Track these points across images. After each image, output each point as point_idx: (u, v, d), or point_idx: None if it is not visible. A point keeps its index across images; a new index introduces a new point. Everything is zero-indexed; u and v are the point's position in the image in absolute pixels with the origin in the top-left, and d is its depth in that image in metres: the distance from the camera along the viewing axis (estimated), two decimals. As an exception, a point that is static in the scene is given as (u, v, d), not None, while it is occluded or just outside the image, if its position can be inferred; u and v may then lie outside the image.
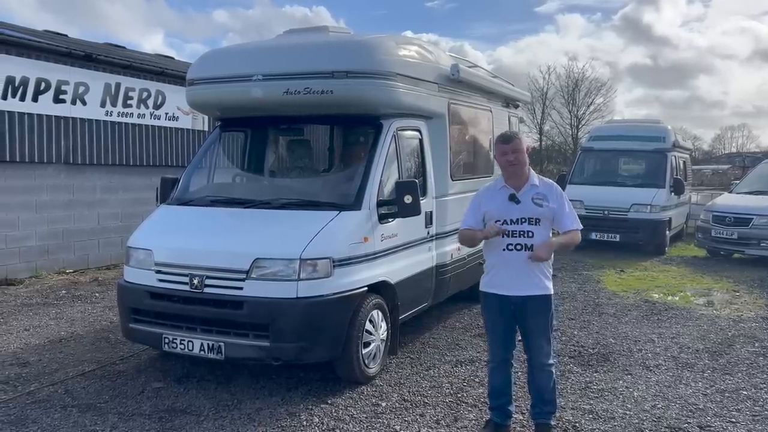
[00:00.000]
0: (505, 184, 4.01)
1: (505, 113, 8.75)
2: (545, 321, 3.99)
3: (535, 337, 4.02)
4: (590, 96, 42.58)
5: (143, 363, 5.65)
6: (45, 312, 7.55)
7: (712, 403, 4.86)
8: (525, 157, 3.97)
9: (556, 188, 4.02)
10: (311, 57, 5.51)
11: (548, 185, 4.03)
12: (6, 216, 9.33)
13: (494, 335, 4.16)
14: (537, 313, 3.97)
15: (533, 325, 4.00)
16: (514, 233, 3.91)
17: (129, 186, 11.09)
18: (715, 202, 13.13)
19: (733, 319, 7.50)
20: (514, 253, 3.92)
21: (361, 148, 5.96)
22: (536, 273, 3.94)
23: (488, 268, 4.11)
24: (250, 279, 4.69)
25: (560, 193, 4.01)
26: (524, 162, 3.97)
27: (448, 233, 6.45)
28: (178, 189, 5.88)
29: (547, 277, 4.00)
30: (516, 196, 3.94)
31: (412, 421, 4.46)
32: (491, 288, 4.06)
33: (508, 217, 3.92)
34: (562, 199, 3.99)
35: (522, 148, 3.94)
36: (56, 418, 4.47)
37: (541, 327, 4.00)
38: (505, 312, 4.02)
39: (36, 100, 9.53)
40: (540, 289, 3.95)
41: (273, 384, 5.10)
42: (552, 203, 3.93)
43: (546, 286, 3.98)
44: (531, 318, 3.98)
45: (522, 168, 3.97)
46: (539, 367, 4.05)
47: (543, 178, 4.10)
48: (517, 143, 3.94)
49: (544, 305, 3.98)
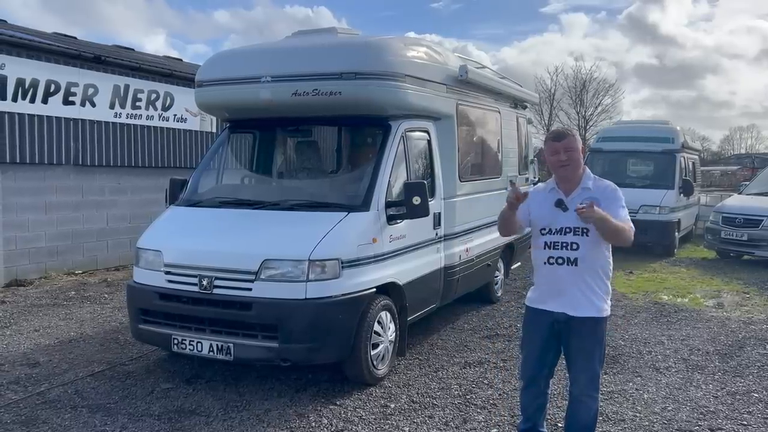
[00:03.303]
0: (555, 187, 3.56)
1: (514, 114, 8.74)
2: (590, 347, 3.47)
3: (576, 362, 3.54)
4: (598, 97, 42.48)
5: (152, 364, 5.67)
6: (55, 313, 7.58)
7: (723, 406, 4.82)
8: (579, 157, 3.49)
9: (611, 191, 3.48)
10: (319, 58, 5.51)
11: (603, 188, 3.50)
12: (16, 217, 9.38)
13: (526, 351, 3.75)
14: (581, 337, 3.48)
15: (576, 349, 3.52)
16: (557, 245, 3.47)
17: (138, 187, 11.14)
18: (725, 204, 13.05)
19: (744, 321, 7.45)
20: (555, 267, 3.48)
21: (370, 149, 5.97)
22: (584, 291, 3.45)
23: (534, 281, 3.73)
24: (259, 280, 4.70)
25: (616, 197, 3.45)
26: (578, 163, 3.50)
27: (456, 234, 6.45)
28: (187, 190, 5.90)
29: (598, 295, 3.47)
30: (564, 201, 3.48)
31: (421, 423, 4.45)
32: (533, 302, 3.68)
33: (553, 226, 3.49)
34: (616, 204, 3.42)
35: (576, 146, 3.48)
36: (66, 419, 4.49)
37: (584, 353, 3.49)
38: (542, 327, 3.59)
39: (46, 102, 9.59)
40: (586, 310, 3.45)
41: (282, 385, 5.11)
42: (604, 209, 3.32)
43: (595, 306, 3.46)
44: (574, 340, 3.51)
45: (575, 170, 3.50)
46: (577, 397, 3.56)
47: (600, 180, 3.56)
48: (570, 141, 3.47)
49: (590, 328, 3.46)
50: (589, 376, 3.52)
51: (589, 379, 3.52)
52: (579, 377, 3.53)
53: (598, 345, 3.51)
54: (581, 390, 3.54)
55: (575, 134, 3.57)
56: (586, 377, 3.52)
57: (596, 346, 3.50)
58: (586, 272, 3.46)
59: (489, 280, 7.88)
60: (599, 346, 3.51)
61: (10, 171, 9.25)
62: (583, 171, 3.54)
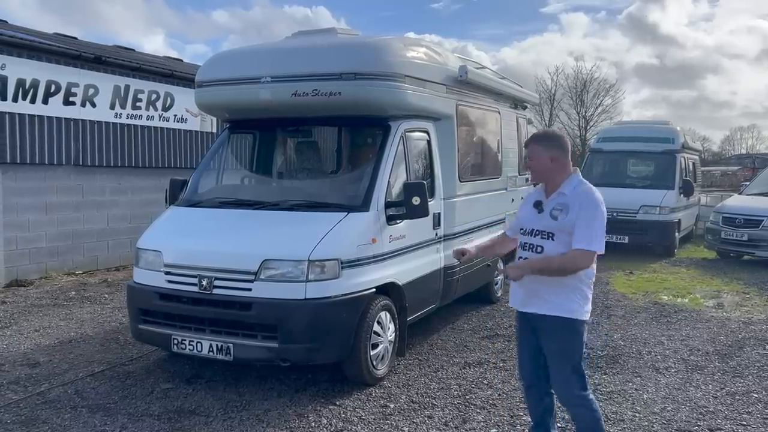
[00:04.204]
0: (543, 189, 3.57)
1: (514, 114, 8.74)
2: (560, 347, 3.40)
3: (551, 363, 3.47)
4: (598, 97, 42.47)
5: (152, 364, 5.67)
6: (55, 313, 7.59)
7: (723, 406, 4.82)
8: (542, 165, 3.46)
9: (585, 199, 3.34)
10: (319, 59, 5.52)
11: (579, 194, 3.38)
12: (16, 217, 9.39)
13: (518, 353, 3.76)
14: (551, 337, 3.42)
15: (548, 350, 3.46)
16: (526, 245, 3.49)
17: (138, 187, 11.16)
18: (725, 204, 13.05)
19: (744, 322, 7.45)
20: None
21: (369, 150, 5.98)
22: (550, 290, 3.37)
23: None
24: (259, 280, 4.71)
25: (587, 205, 3.31)
26: (540, 170, 3.50)
27: (456, 235, 6.45)
28: (187, 190, 5.91)
29: (566, 296, 3.37)
30: (541, 204, 3.48)
31: (421, 423, 4.46)
32: (512, 302, 3.66)
33: (527, 227, 3.51)
34: (584, 212, 3.30)
35: (535, 155, 3.48)
36: (66, 419, 4.49)
37: (556, 353, 3.42)
38: (525, 328, 3.59)
39: (46, 102, 9.60)
40: (553, 309, 3.37)
41: (281, 385, 5.11)
42: (571, 215, 3.31)
43: (562, 306, 3.36)
44: (545, 341, 3.46)
45: (539, 177, 3.54)
46: (564, 401, 3.50)
47: (583, 186, 3.43)
48: (532, 149, 3.51)
49: (559, 328, 3.37)
50: (561, 379, 3.44)
51: (561, 382, 3.44)
52: (554, 379, 3.49)
53: (571, 345, 3.38)
54: (558, 394, 3.51)
55: (551, 141, 3.49)
56: (558, 380, 3.46)
57: (567, 346, 3.38)
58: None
59: (489, 280, 7.88)
60: (568, 347, 3.38)
61: (10, 171, 9.26)
62: (568, 176, 3.45)
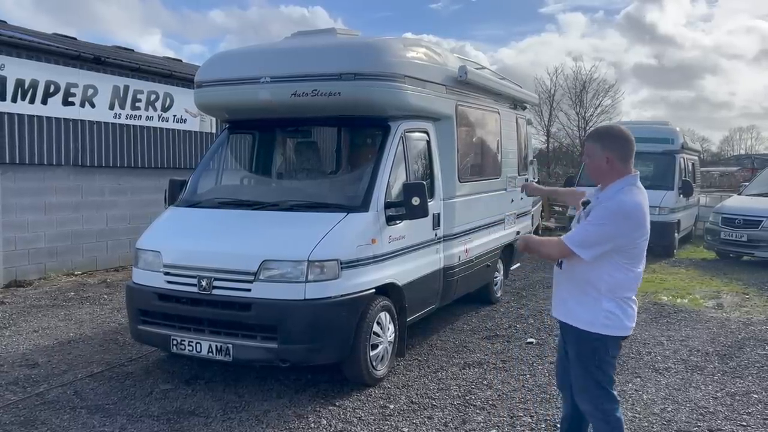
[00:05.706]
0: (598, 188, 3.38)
1: (513, 115, 8.74)
2: (578, 355, 3.27)
3: (571, 369, 3.35)
4: (598, 98, 42.44)
5: (151, 365, 5.66)
6: (54, 313, 7.58)
7: (723, 407, 4.82)
8: (595, 164, 3.25)
9: (604, 206, 3.16)
10: (319, 59, 5.51)
11: (603, 199, 3.20)
12: (15, 218, 9.38)
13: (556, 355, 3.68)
14: (570, 344, 3.32)
15: (569, 356, 3.35)
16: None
17: (137, 188, 11.15)
18: (725, 204, 13.06)
19: (743, 322, 7.45)
20: (556, 269, 3.40)
21: (369, 150, 5.97)
22: (574, 299, 3.25)
23: None
24: (258, 281, 4.70)
25: (602, 212, 3.14)
26: (596, 169, 3.26)
27: (455, 235, 6.45)
28: (187, 191, 5.91)
29: (586, 307, 3.19)
30: (587, 204, 3.35)
31: (420, 424, 4.45)
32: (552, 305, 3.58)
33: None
34: (594, 215, 3.17)
35: (591, 152, 3.28)
36: (65, 420, 4.49)
37: (575, 360, 3.30)
38: (561, 333, 3.48)
39: (45, 103, 9.59)
40: (570, 318, 3.27)
41: (281, 386, 5.11)
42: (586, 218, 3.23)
43: (579, 317, 3.22)
44: (568, 346, 3.36)
45: (593, 175, 3.32)
46: (583, 409, 3.35)
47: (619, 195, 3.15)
48: (587, 147, 3.33)
49: (575, 337, 3.26)
50: (578, 386, 3.33)
51: (578, 389, 3.33)
52: (575, 387, 3.36)
53: (583, 357, 3.25)
54: (582, 402, 3.34)
55: (602, 138, 3.30)
56: (576, 387, 3.35)
57: (580, 356, 3.26)
58: (568, 277, 3.32)
59: (488, 280, 7.88)
60: (584, 358, 3.24)
61: (9, 172, 9.25)
62: (619, 179, 3.21)
